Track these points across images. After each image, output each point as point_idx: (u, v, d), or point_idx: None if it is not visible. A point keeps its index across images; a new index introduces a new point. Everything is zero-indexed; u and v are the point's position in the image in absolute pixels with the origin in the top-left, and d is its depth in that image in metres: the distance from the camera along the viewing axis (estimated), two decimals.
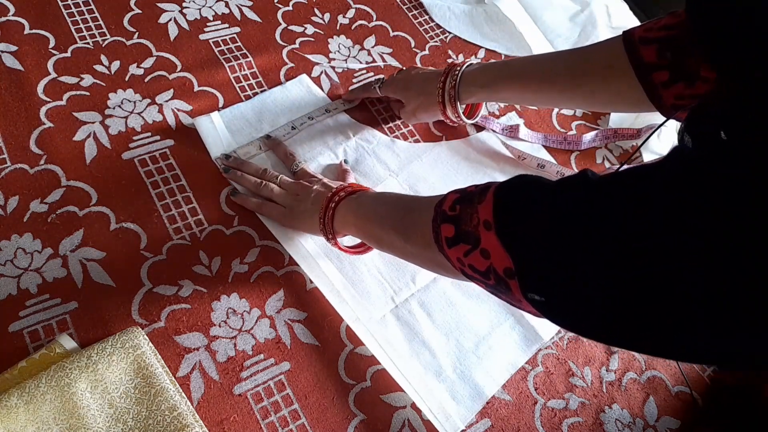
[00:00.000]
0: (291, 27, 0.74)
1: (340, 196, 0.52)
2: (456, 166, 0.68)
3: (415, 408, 0.52)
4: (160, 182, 0.58)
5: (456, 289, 0.59)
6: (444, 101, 0.61)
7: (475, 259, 0.37)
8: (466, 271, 0.39)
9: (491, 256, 0.36)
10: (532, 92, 0.57)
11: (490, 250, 0.36)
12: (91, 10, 0.68)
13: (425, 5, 0.82)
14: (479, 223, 0.37)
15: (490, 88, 0.59)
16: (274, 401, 0.49)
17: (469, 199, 0.39)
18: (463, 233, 0.38)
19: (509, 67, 0.59)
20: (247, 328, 0.52)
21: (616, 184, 0.32)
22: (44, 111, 0.59)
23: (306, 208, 0.54)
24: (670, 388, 0.58)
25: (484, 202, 0.37)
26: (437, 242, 0.41)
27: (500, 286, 0.37)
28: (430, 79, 0.62)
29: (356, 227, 0.51)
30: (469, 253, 0.38)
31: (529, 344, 0.57)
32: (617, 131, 0.73)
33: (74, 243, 0.52)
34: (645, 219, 0.29)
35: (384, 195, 0.51)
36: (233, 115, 0.64)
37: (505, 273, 0.35)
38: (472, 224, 0.37)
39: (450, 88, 0.60)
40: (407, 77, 0.64)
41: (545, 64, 0.56)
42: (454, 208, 0.40)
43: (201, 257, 0.55)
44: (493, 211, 0.36)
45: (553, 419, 0.54)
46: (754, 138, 0.26)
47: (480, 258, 0.37)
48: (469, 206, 0.38)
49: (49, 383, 0.43)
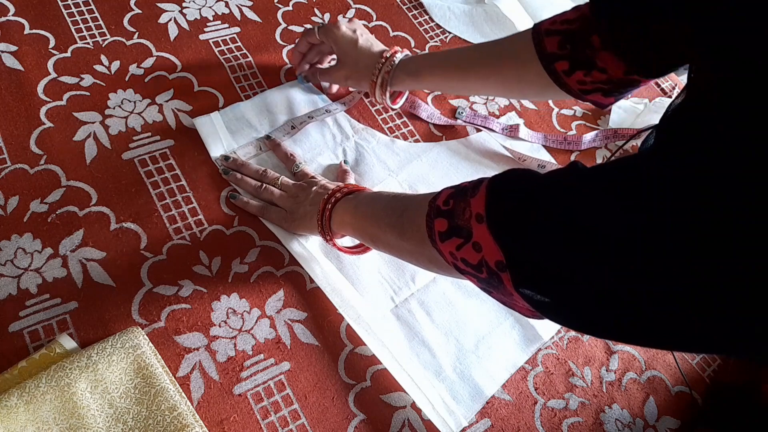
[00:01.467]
0: (291, 27, 0.74)
1: (337, 197, 0.53)
2: (456, 166, 0.68)
3: (415, 408, 0.52)
4: (160, 182, 0.58)
5: (456, 288, 0.59)
6: (376, 83, 0.63)
7: (468, 252, 0.38)
8: (459, 265, 0.39)
9: (483, 249, 0.36)
10: (453, 80, 0.61)
11: (482, 243, 0.36)
12: (91, 10, 0.68)
13: (425, 5, 0.82)
14: (471, 216, 0.37)
15: (415, 76, 0.62)
16: (274, 401, 0.49)
17: (463, 193, 0.39)
18: (455, 227, 0.39)
19: (434, 57, 0.62)
20: (247, 328, 0.52)
21: (604, 175, 0.32)
22: (44, 111, 0.59)
23: (305, 210, 0.55)
24: (670, 388, 0.58)
25: (477, 195, 0.38)
26: (430, 237, 0.41)
27: (492, 280, 0.37)
28: (372, 56, 0.63)
29: (352, 227, 0.51)
30: (461, 246, 0.38)
31: (529, 344, 0.57)
32: (617, 131, 0.73)
33: (74, 243, 0.53)
34: (633, 210, 0.29)
35: (380, 194, 0.52)
36: (233, 115, 0.64)
37: (497, 266, 0.36)
38: (465, 218, 0.38)
39: (385, 72, 0.62)
40: (352, 41, 0.63)
41: (464, 54, 0.60)
42: (447, 202, 0.40)
43: (201, 257, 0.55)
44: (485, 204, 0.37)
45: (553, 419, 0.54)
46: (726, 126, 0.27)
47: (472, 251, 0.37)
48: (462, 200, 0.39)
49: (49, 383, 0.43)
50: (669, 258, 0.28)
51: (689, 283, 0.27)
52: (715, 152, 0.27)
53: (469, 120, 0.71)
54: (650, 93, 0.82)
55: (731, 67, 0.27)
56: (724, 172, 0.26)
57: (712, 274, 0.26)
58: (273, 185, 0.58)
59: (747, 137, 0.25)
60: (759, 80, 0.25)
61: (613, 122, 0.76)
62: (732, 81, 0.27)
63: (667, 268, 0.28)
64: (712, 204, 0.26)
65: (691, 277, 0.27)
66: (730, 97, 0.27)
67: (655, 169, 0.29)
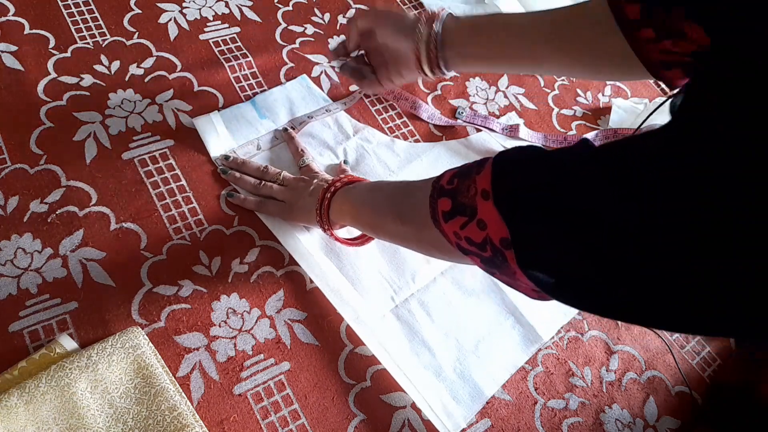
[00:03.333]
0: (291, 27, 0.74)
1: (336, 187, 0.53)
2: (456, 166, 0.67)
3: (415, 408, 0.52)
4: (160, 182, 0.58)
5: (456, 288, 0.59)
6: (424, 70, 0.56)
7: (472, 230, 0.37)
8: (462, 245, 0.39)
9: (488, 226, 0.36)
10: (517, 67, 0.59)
11: (486, 220, 0.36)
12: (91, 10, 0.68)
13: (425, 5, 0.82)
14: (477, 193, 0.37)
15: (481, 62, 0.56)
16: (274, 401, 0.49)
17: (467, 171, 0.39)
18: (460, 206, 0.38)
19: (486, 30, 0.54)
20: (247, 328, 0.52)
21: (606, 160, 0.32)
22: (44, 111, 0.59)
23: (305, 201, 0.55)
24: (670, 388, 0.58)
25: (483, 172, 0.37)
26: (434, 218, 0.41)
27: (496, 258, 0.37)
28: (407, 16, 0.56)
29: (351, 216, 0.52)
30: (465, 225, 0.38)
31: (529, 344, 0.57)
32: (617, 131, 0.73)
33: (74, 243, 0.52)
34: (627, 199, 0.29)
35: (379, 183, 0.52)
36: (233, 115, 0.64)
37: (502, 243, 0.35)
38: (470, 195, 0.37)
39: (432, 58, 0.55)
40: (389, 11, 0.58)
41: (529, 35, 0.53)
42: (452, 181, 0.40)
43: (201, 257, 0.55)
44: (491, 179, 0.36)
45: (553, 419, 0.54)
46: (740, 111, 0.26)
47: (476, 229, 0.37)
48: (467, 178, 0.38)
49: (49, 383, 0.43)
50: (661, 257, 0.28)
51: (686, 282, 0.28)
52: (714, 152, 0.27)
53: (469, 120, 0.71)
54: (650, 93, 0.82)
55: (731, 67, 0.27)
56: (723, 172, 0.26)
57: (709, 272, 0.27)
58: (274, 181, 0.58)
59: (747, 137, 0.25)
60: (759, 80, 0.25)
61: (613, 122, 0.76)
62: (732, 81, 0.27)
63: (659, 263, 0.28)
64: (709, 203, 0.26)
65: (689, 277, 0.28)
66: (730, 97, 0.27)
67: (656, 163, 0.29)
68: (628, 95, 0.81)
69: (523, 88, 0.77)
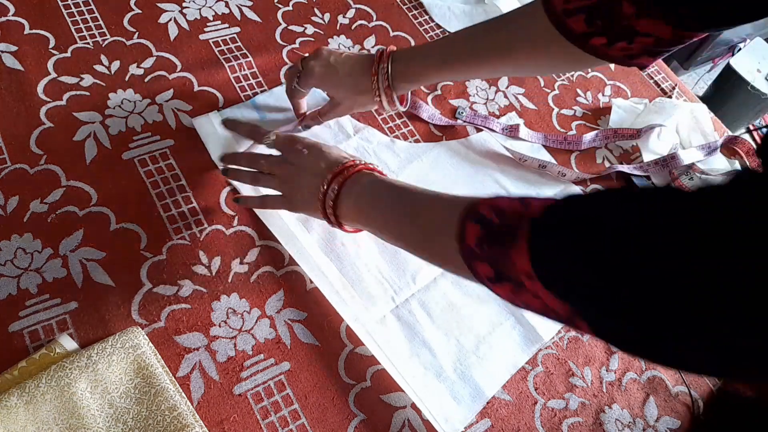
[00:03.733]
0: (291, 27, 0.74)
1: (335, 191, 0.49)
2: (456, 167, 0.68)
3: (415, 408, 0.52)
4: (160, 182, 0.58)
5: (456, 289, 0.59)
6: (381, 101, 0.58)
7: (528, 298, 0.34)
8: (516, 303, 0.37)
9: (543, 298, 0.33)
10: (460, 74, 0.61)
11: (542, 296, 0.33)
12: (91, 10, 0.68)
13: (425, 5, 0.82)
14: (520, 272, 0.34)
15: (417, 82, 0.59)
16: (274, 401, 0.49)
17: (497, 239, 0.35)
18: (504, 276, 0.35)
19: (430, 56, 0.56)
20: (247, 328, 0.52)
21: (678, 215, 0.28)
22: (44, 111, 0.59)
23: (303, 198, 0.51)
24: (670, 388, 0.58)
25: (516, 248, 0.33)
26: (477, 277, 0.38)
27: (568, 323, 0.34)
28: (357, 73, 0.57)
29: (364, 226, 0.50)
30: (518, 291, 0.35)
31: (529, 344, 0.57)
32: (617, 131, 0.73)
33: (74, 243, 0.52)
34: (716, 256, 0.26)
35: (383, 199, 0.48)
36: (233, 115, 0.64)
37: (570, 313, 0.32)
38: (514, 270, 0.34)
39: (385, 87, 0.57)
40: (330, 69, 0.58)
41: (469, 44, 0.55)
42: (482, 246, 0.36)
43: (201, 257, 0.55)
44: (531, 263, 0.33)
45: (553, 419, 0.54)
46: None
47: (533, 298, 0.34)
48: (500, 248, 0.35)
49: (49, 383, 0.43)
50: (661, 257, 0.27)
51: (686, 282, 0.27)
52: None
53: (469, 120, 0.71)
54: (650, 93, 0.82)
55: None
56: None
57: (709, 272, 0.26)
58: (268, 170, 0.54)
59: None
60: None
61: (613, 122, 0.76)
62: None
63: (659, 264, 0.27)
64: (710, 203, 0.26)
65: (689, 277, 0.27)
66: None
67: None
68: (628, 95, 0.81)
69: (523, 88, 0.77)
